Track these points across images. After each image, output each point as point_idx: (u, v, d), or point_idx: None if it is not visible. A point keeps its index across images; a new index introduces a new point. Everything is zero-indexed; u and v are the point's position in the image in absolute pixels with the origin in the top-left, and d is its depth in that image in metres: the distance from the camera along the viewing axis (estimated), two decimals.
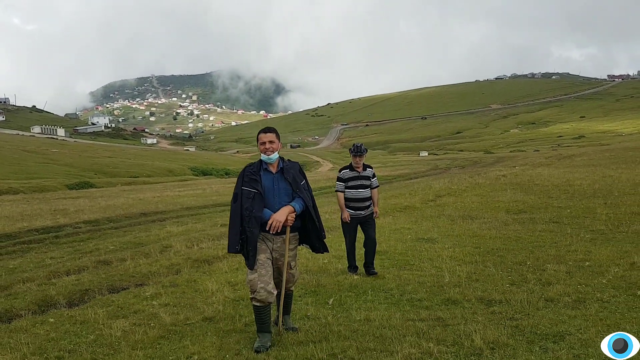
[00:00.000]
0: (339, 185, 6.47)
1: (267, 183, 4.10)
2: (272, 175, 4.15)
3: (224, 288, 5.68)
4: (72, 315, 5.03)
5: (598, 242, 7.74)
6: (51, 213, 17.27)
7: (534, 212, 11.46)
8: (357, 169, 6.39)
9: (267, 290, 3.97)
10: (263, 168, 4.17)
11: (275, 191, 4.11)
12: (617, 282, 5.31)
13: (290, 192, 4.16)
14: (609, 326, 3.98)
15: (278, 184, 4.13)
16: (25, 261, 8.47)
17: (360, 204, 6.36)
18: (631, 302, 4.64)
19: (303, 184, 4.24)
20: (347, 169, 6.47)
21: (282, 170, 4.19)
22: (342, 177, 6.45)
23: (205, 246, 8.80)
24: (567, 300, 4.73)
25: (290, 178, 4.16)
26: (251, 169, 4.16)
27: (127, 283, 6.43)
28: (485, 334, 3.83)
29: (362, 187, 6.37)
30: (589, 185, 16.41)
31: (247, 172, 4.14)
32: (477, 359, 3.46)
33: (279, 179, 4.15)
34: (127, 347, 4.02)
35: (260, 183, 4.06)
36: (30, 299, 5.74)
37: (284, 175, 4.17)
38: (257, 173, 4.12)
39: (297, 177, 4.23)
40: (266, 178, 4.13)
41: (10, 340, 4.30)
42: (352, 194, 6.34)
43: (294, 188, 4.15)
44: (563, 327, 4.02)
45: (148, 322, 4.62)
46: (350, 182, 6.37)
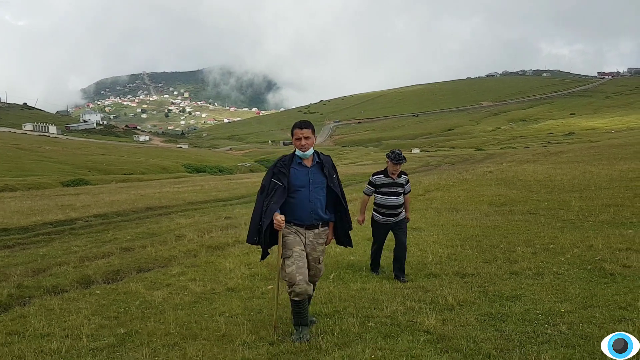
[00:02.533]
0: (368, 189, 6.27)
1: (303, 177, 4.12)
2: (307, 169, 4.16)
3: (240, 266, 6.63)
4: (114, 288, 5.96)
5: (566, 229, 8.75)
6: (59, 208, 18.07)
7: (514, 205, 12.48)
8: (393, 176, 6.16)
9: (307, 281, 4.03)
10: (297, 162, 4.16)
11: (311, 185, 4.13)
12: (574, 260, 6.31)
13: (325, 186, 4.18)
14: (557, 290, 4.97)
15: (314, 177, 4.15)
16: (52, 249, 9.36)
17: (392, 210, 6.16)
18: (580, 274, 5.63)
19: (335, 177, 4.27)
20: (382, 174, 6.21)
21: (319, 163, 4.21)
22: (374, 182, 6.21)
23: (216, 235, 9.73)
24: (528, 273, 5.72)
25: (327, 172, 4.18)
26: (283, 162, 4.19)
27: (152, 265, 7.36)
28: (457, 295, 4.83)
29: (396, 194, 6.14)
30: (568, 180, 17.48)
31: (279, 164, 4.17)
32: (449, 313, 4.44)
33: (315, 172, 4.17)
34: (169, 308, 4.97)
35: (287, 177, 4.09)
36: (72, 278, 6.65)
37: (321, 169, 4.19)
38: (287, 167, 4.13)
39: (331, 170, 4.25)
40: (301, 172, 4.14)
41: (69, 306, 5.22)
42: (385, 201, 6.14)
43: (328, 182, 4.17)
44: (521, 291, 5.01)
45: (181, 292, 5.57)
46: (384, 189, 6.13)
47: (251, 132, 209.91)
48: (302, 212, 4.12)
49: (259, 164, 78.32)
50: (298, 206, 4.11)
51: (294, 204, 4.12)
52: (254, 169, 71.44)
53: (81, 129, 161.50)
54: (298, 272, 3.97)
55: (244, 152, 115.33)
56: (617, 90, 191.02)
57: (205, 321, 4.52)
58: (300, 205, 4.11)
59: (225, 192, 23.41)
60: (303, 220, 4.14)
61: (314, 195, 4.12)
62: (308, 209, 4.12)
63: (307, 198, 4.10)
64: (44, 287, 6.21)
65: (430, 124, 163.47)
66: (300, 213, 4.12)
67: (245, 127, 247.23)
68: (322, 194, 4.17)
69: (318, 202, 4.15)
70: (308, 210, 4.12)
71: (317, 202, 4.14)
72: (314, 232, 4.19)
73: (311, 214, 4.13)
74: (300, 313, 4.05)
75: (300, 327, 4.06)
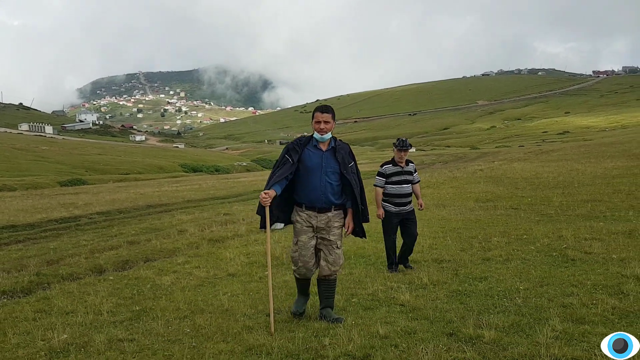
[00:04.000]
0: (378, 180, 6.28)
1: (316, 159, 4.20)
2: (322, 152, 4.23)
3: (239, 256, 7.26)
4: (125, 275, 6.58)
5: (542, 222, 9.41)
6: (62, 206, 18.63)
7: (498, 201, 13.14)
8: (400, 164, 6.24)
9: (307, 268, 4.27)
10: (313, 145, 4.25)
11: (323, 168, 4.18)
12: (543, 248, 6.96)
13: (338, 172, 4.22)
14: (520, 273, 5.62)
15: (327, 161, 4.20)
16: (62, 243, 9.96)
17: (403, 199, 6.22)
18: (545, 259, 6.28)
19: (351, 165, 4.29)
20: (390, 164, 6.29)
21: (333, 149, 4.26)
22: (384, 172, 6.25)
23: (216, 229, 10.36)
24: (498, 259, 6.37)
25: (340, 158, 4.23)
26: (299, 140, 4.31)
27: (158, 256, 7.97)
28: (432, 277, 5.48)
29: (406, 182, 6.22)
30: (554, 177, 18.19)
31: (294, 142, 4.30)
32: (423, 290, 5.09)
33: (328, 157, 4.22)
34: (177, 290, 5.59)
35: (298, 155, 4.20)
36: (85, 267, 7.25)
37: (334, 155, 4.24)
38: (301, 146, 4.24)
39: (346, 158, 4.27)
40: (315, 155, 4.22)
41: (87, 289, 5.83)
42: (396, 190, 6.18)
43: (341, 168, 4.21)
44: (489, 273, 5.66)
45: (187, 277, 6.20)
46: (394, 178, 6.19)
47: (247, 132, 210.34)
48: (313, 194, 4.19)
49: (255, 163, 78.81)
50: (309, 188, 4.19)
51: (306, 185, 4.21)
52: (250, 169, 71.94)
53: (77, 129, 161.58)
54: (300, 260, 4.25)
55: (240, 152, 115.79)
56: (611, 89, 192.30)
57: (210, 299, 5.15)
58: (311, 188, 4.19)
59: (223, 191, 24.02)
60: (314, 203, 4.21)
61: (325, 179, 4.18)
62: (319, 191, 4.18)
63: (319, 181, 4.17)
64: (60, 275, 6.81)
65: (426, 123, 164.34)
66: (311, 195, 4.20)
67: (242, 126, 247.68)
68: (334, 179, 4.21)
69: (329, 186, 4.20)
70: (319, 192, 4.18)
71: (327, 186, 4.19)
72: (327, 215, 4.24)
73: (321, 197, 4.19)
74: (301, 285, 4.44)
75: (300, 295, 4.47)
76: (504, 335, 3.70)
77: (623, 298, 4.48)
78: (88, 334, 4.23)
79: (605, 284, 4.91)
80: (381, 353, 3.48)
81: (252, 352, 3.65)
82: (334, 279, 4.40)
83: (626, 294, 4.57)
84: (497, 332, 3.75)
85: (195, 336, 4.05)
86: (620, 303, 4.32)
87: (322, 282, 4.39)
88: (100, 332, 4.26)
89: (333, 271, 4.32)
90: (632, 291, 4.64)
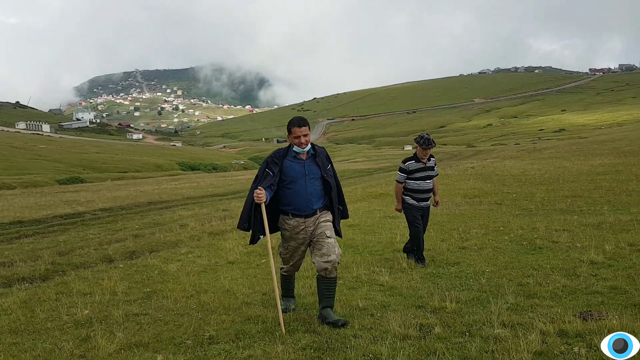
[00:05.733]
0: (400, 176, 6.38)
1: (298, 169, 4.30)
2: (303, 161, 4.34)
3: (238, 246, 7.89)
4: (134, 263, 7.21)
5: (521, 216, 10.05)
6: (65, 203, 19.22)
7: (484, 197, 13.78)
8: (423, 160, 6.32)
9: (296, 266, 4.62)
10: (292, 156, 4.34)
11: (308, 176, 4.30)
12: (515, 238, 7.60)
13: (320, 176, 4.35)
14: (490, 259, 6.26)
15: (309, 168, 4.32)
16: (70, 237, 10.57)
17: (425, 194, 6.35)
18: (515, 248, 6.92)
19: (329, 168, 4.42)
20: (412, 160, 6.35)
21: (313, 155, 4.38)
22: (407, 168, 6.33)
23: (215, 224, 10.99)
24: (473, 248, 7.01)
25: (320, 162, 4.37)
26: (278, 153, 4.40)
27: (162, 247, 8.59)
28: (411, 263, 6.13)
29: (429, 178, 6.34)
30: (541, 174, 18.84)
31: (273, 156, 4.39)
32: (401, 274, 5.73)
33: (310, 164, 4.34)
34: (183, 275, 6.23)
35: (279, 167, 4.30)
36: (96, 257, 7.88)
37: (315, 160, 4.36)
38: (281, 158, 4.34)
39: (325, 162, 4.43)
40: (297, 165, 4.32)
41: (100, 275, 6.45)
42: (419, 185, 6.30)
43: (322, 172, 4.35)
44: (462, 259, 6.30)
45: (191, 264, 6.84)
46: (417, 174, 6.28)
47: (245, 130, 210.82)
48: (300, 202, 4.29)
49: (252, 161, 79.43)
50: (295, 197, 4.29)
51: (291, 194, 4.30)
52: (247, 167, 72.58)
53: (74, 127, 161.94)
54: (290, 260, 4.52)
55: (237, 150, 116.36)
56: (607, 87, 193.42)
57: (213, 282, 5.78)
58: (297, 196, 4.29)
59: (221, 188, 24.64)
60: (301, 211, 4.32)
61: (310, 187, 4.30)
62: (305, 199, 4.29)
63: (304, 189, 4.28)
64: (74, 264, 7.44)
65: (423, 121, 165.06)
66: (298, 203, 4.30)
67: (239, 124, 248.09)
68: (318, 185, 4.34)
69: (315, 192, 4.32)
70: (305, 200, 4.28)
71: (313, 193, 4.31)
72: (315, 217, 4.35)
73: (308, 204, 4.30)
74: (287, 285, 4.71)
75: (286, 298, 4.66)
76: (464, 306, 4.35)
77: (574, 279, 5.12)
78: (107, 310, 4.86)
79: (562, 267, 5.56)
80: (359, 320, 4.14)
81: (250, 322, 4.28)
82: (334, 277, 4.33)
83: (578, 275, 5.21)
84: (458, 304, 4.40)
85: (201, 310, 4.68)
86: (570, 282, 4.97)
87: (321, 280, 4.32)
88: (117, 308, 4.88)
89: (330, 262, 4.22)
90: (584, 273, 5.28)
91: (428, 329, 3.86)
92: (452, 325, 3.90)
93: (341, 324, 4.08)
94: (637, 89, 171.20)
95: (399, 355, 3.37)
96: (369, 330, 3.90)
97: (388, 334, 3.77)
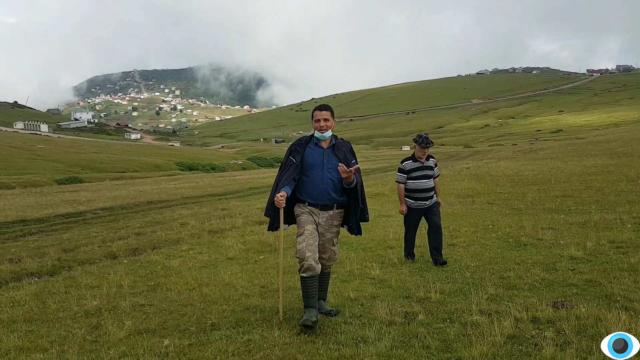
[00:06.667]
0: (400, 176, 6.44)
1: (317, 156, 4.27)
2: (323, 150, 4.30)
3: (237, 244, 8.22)
4: (137, 259, 7.54)
5: (510, 215, 10.39)
6: (66, 202, 19.51)
7: (477, 197, 14.13)
8: (420, 159, 6.37)
9: (314, 259, 4.13)
10: (314, 143, 4.33)
11: (325, 165, 4.24)
12: (502, 236, 7.93)
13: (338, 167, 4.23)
14: (476, 254, 6.60)
15: (328, 158, 4.27)
16: (74, 235, 10.88)
17: (424, 194, 6.36)
18: (501, 245, 7.25)
19: (352, 163, 4.30)
20: (410, 160, 6.43)
21: (334, 146, 4.33)
22: (404, 168, 6.40)
23: (215, 222, 11.31)
24: (462, 245, 7.35)
25: (342, 155, 4.28)
26: (300, 141, 4.38)
27: (164, 244, 8.92)
28: (400, 257, 6.49)
29: (426, 177, 6.36)
30: (534, 175, 19.20)
31: (296, 143, 4.38)
32: (391, 268, 6.07)
33: (329, 154, 4.29)
34: (184, 269, 6.56)
35: (301, 155, 4.27)
36: (100, 253, 8.20)
37: (334, 152, 4.30)
38: (302, 146, 4.32)
39: (348, 155, 4.34)
40: (316, 152, 4.29)
41: (106, 270, 6.78)
42: (416, 185, 6.33)
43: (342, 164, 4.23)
44: (450, 255, 6.63)
45: (192, 260, 7.17)
46: (414, 173, 6.33)
47: (243, 130, 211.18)
48: (316, 191, 4.23)
49: (251, 161, 79.67)
50: (311, 185, 4.23)
51: (308, 183, 4.25)
52: (246, 167, 72.78)
53: (72, 127, 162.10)
54: (307, 249, 4.11)
55: (235, 150, 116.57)
56: (605, 88, 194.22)
57: (213, 276, 6.11)
58: (313, 185, 4.22)
59: (220, 188, 24.96)
60: (316, 200, 4.24)
61: (327, 176, 4.22)
62: (321, 188, 4.21)
63: (320, 178, 4.21)
64: (79, 260, 7.76)
65: (421, 121, 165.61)
66: (313, 193, 4.23)
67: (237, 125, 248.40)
68: (335, 176, 4.22)
69: (331, 183, 4.23)
70: (321, 190, 4.21)
71: (330, 183, 4.22)
72: (329, 213, 4.28)
73: (324, 194, 4.22)
74: (307, 292, 4.17)
75: (308, 309, 4.17)
76: (447, 297, 4.69)
77: (553, 272, 5.46)
78: (114, 301, 5.19)
79: (542, 262, 5.91)
80: (350, 309, 4.47)
81: (248, 311, 4.61)
82: (328, 272, 4.49)
83: (556, 270, 5.55)
84: (442, 295, 4.73)
85: (203, 301, 5.01)
86: (549, 276, 5.31)
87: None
88: (124, 300, 5.21)
89: (328, 266, 4.42)
90: (563, 267, 5.62)
91: (413, 316, 4.19)
92: (434, 313, 4.23)
93: (333, 314, 4.32)
94: (635, 89, 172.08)
95: (384, 338, 3.71)
96: (358, 318, 4.23)
97: (376, 320, 4.11)
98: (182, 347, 3.76)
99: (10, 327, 4.54)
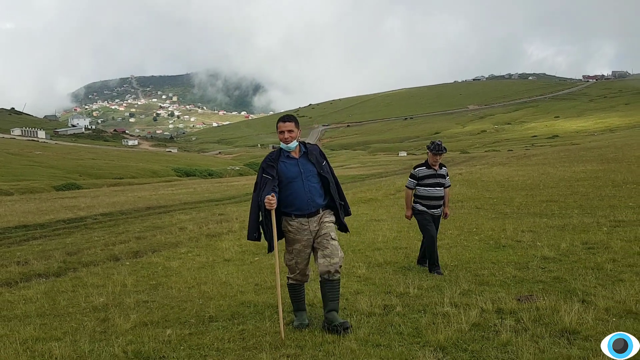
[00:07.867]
0: (410, 182, 6.41)
1: (293, 168, 4.27)
2: (296, 160, 4.32)
3: (233, 246, 8.67)
4: (139, 261, 7.98)
5: (495, 219, 10.85)
6: (66, 208, 19.93)
7: (466, 201, 14.59)
8: (434, 167, 6.34)
9: (303, 274, 4.42)
10: (285, 155, 4.32)
11: (303, 174, 4.28)
12: (484, 238, 8.39)
13: (316, 173, 4.31)
14: (456, 255, 7.06)
15: (304, 167, 4.29)
16: (76, 239, 11.31)
17: (435, 202, 6.35)
18: (482, 246, 7.71)
19: (324, 164, 4.39)
20: (423, 166, 6.38)
21: (305, 153, 4.36)
22: (417, 174, 6.36)
23: (212, 227, 11.76)
24: (445, 246, 7.80)
25: (314, 159, 4.33)
26: (271, 157, 4.35)
27: (163, 247, 9.36)
28: (387, 258, 6.95)
29: (439, 185, 6.33)
30: (523, 181, 19.69)
31: (267, 160, 4.34)
32: (377, 267, 6.52)
33: (304, 162, 4.31)
34: (183, 270, 7.01)
35: (275, 169, 4.24)
36: (103, 256, 8.64)
37: (308, 158, 4.34)
38: (275, 160, 4.29)
39: (319, 158, 4.39)
40: (290, 164, 4.29)
41: (110, 271, 7.22)
42: (428, 192, 6.31)
43: (318, 169, 4.31)
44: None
45: (191, 262, 7.62)
46: (427, 180, 6.30)
47: (240, 136, 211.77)
48: (300, 202, 4.24)
49: (248, 167, 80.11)
50: (295, 197, 4.24)
51: (291, 195, 4.25)
52: (243, 173, 73.23)
53: (70, 134, 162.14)
54: (297, 268, 4.39)
55: (233, 156, 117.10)
56: (601, 94, 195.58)
57: (211, 276, 6.56)
58: (296, 196, 4.23)
59: (217, 194, 25.40)
60: (302, 210, 4.26)
61: (307, 185, 4.25)
62: (305, 198, 4.24)
63: (302, 188, 4.24)
64: (83, 262, 8.21)
65: (417, 127, 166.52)
66: (298, 203, 4.24)
67: (234, 130, 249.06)
68: (315, 182, 4.29)
69: (314, 189, 4.28)
70: (305, 199, 4.24)
71: (312, 191, 4.27)
72: (317, 216, 4.31)
73: (309, 203, 4.25)
74: (296, 297, 4.43)
75: (298, 312, 4.43)
76: (424, 292, 5.15)
77: (525, 271, 5.92)
78: (120, 298, 5.63)
79: (516, 262, 6.37)
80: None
81: (243, 305, 5.06)
82: (337, 279, 4.28)
83: (528, 268, 6.01)
84: (420, 290, 5.19)
85: (202, 298, 5.46)
86: (520, 273, 5.77)
87: (324, 283, 4.29)
88: (128, 297, 5.65)
89: (333, 264, 4.21)
90: (534, 266, 6.09)
91: (391, 308, 4.64)
92: (411, 306, 4.69)
93: (346, 327, 4.07)
94: (630, 95, 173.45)
95: (363, 326, 4.17)
96: (342, 310, 4.67)
97: (357, 312, 4.56)
98: (183, 335, 4.21)
99: (24, 321, 4.97)
